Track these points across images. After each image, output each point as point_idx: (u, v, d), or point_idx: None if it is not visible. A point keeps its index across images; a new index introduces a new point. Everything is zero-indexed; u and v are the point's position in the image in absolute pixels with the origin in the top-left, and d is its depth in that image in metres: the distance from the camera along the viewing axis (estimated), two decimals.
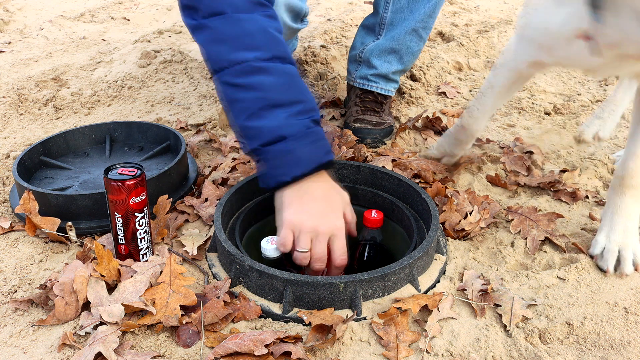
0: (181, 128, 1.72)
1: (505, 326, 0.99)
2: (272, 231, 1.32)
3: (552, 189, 1.40)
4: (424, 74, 2.07)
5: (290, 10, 1.44)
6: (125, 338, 0.95)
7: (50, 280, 1.04)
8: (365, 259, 1.19)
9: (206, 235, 1.23)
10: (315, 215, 1.06)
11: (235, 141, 1.63)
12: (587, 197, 1.38)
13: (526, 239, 1.22)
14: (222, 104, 1.13)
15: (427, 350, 0.94)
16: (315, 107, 1.11)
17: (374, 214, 1.16)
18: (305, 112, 1.09)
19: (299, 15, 1.52)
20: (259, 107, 1.06)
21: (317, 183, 1.09)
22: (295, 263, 1.07)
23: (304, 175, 1.06)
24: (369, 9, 1.69)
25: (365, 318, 0.99)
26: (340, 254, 1.07)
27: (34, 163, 1.40)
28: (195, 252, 1.17)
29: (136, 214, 1.06)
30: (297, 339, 0.93)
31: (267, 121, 1.06)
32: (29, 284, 1.10)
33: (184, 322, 0.97)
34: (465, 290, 1.07)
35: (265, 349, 0.89)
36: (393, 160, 1.49)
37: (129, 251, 1.10)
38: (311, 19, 2.83)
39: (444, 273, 1.12)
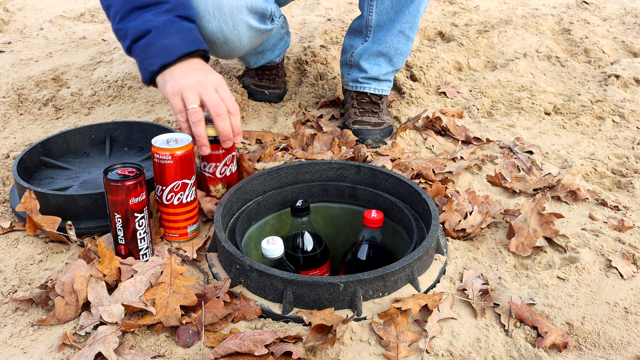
0: None
1: (505, 326, 0.99)
2: (272, 231, 1.33)
3: (549, 192, 1.40)
4: (424, 74, 2.07)
5: (254, 12, 1.43)
6: (125, 338, 0.95)
7: (50, 280, 1.04)
8: (365, 259, 1.19)
9: (206, 236, 1.23)
10: (193, 74, 1.16)
11: None
12: (587, 197, 1.38)
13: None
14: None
15: (427, 350, 0.94)
16: (184, 5, 1.23)
17: (374, 214, 1.17)
18: (171, 10, 1.19)
19: (265, 16, 1.49)
20: (127, 10, 1.18)
21: (189, 64, 1.18)
22: (193, 128, 1.15)
23: (171, 62, 1.17)
24: None
25: (365, 318, 0.99)
26: (231, 102, 1.16)
27: (34, 163, 1.40)
28: (195, 253, 1.17)
29: (136, 214, 1.06)
30: (297, 339, 0.93)
31: (135, 21, 1.18)
32: (29, 284, 1.10)
33: (184, 322, 0.97)
34: (466, 290, 1.07)
35: (265, 349, 0.89)
36: (393, 160, 1.49)
37: (129, 251, 1.10)
38: (311, 19, 2.83)
39: (444, 273, 1.12)
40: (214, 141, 1.22)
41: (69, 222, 1.18)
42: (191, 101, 1.13)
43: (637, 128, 1.75)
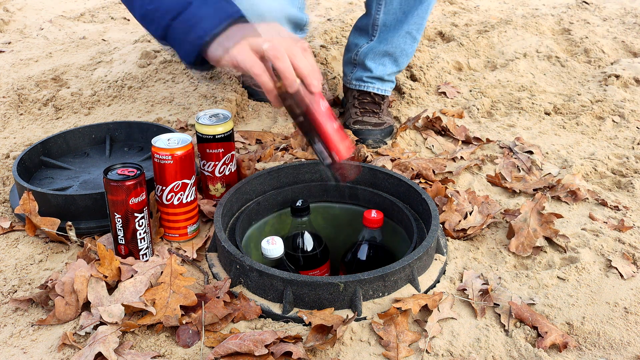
0: (181, 128, 1.72)
1: (505, 326, 0.99)
2: (272, 231, 1.33)
3: (549, 192, 1.40)
4: (424, 74, 2.07)
5: (291, 21, 1.44)
6: (125, 338, 0.95)
7: (50, 280, 1.04)
8: (365, 259, 1.19)
9: (206, 236, 1.23)
10: (250, 30, 0.99)
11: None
12: (587, 197, 1.38)
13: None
14: (125, 5, 1.10)
15: (427, 350, 0.94)
16: None
17: (374, 214, 1.17)
18: None
19: (299, 26, 1.51)
20: None
21: (240, 27, 1.01)
22: (285, 79, 0.96)
23: (222, 29, 0.99)
24: None
25: (365, 318, 0.99)
26: (311, 64, 0.97)
27: (34, 163, 1.40)
28: (195, 253, 1.17)
29: (136, 214, 1.06)
30: (297, 339, 0.93)
31: None
32: (29, 284, 1.10)
33: (184, 322, 0.97)
34: (466, 290, 1.07)
35: (266, 349, 0.89)
36: (393, 160, 1.49)
37: (129, 251, 1.10)
38: (311, 19, 2.83)
39: (444, 273, 1.12)
40: (214, 139, 1.22)
41: (69, 223, 1.18)
42: (260, 43, 0.95)
43: (637, 128, 1.75)
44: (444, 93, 1.99)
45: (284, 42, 0.96)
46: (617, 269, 1.13)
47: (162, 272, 1.06)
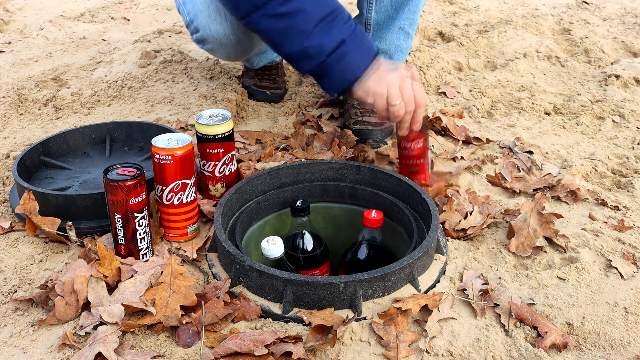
0: (181, 128, 1.72)
1: (505, 326, 0.99)
2: (272, 231, 1.33)
3: (549, 192, 1.40)
4: (424, 74, 2.07)
5: None
6: (125, 338, 0.95)
7: (50, 280, 1.04)
8: (365, 259, 1.19)
9: (206, 236, 1.23)
10: (391, 71, 1.21)
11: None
12: (587, 197, 1.38)
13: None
14: (269, 42, 1.24)
15: (427, 350, 0.94)
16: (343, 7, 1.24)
17: (374, 214, 1.17)
18: (344, 15, 1.21)
19: None
20: (312, 26, 1.17)
21: (378, 63, 1.23)
22: (393, 118, 1.23)
23: (369, 65, 1.21)
24: None
25: (365, 318, 0.99)
26: (420, 95, 1.23)
27: (34, 163, 1.40)
28: (195, 253, 1.17)
29: (136, 214, 1.06)
30: (297, 339, 0.93)
31: (324, 34, 1.18)
32: (29, 284, 1.10)
33: (184, 322, 0.97)
34: (466, 290, 1.07)
35: (266, 349, 0.89)
36: (392, 161, 1.49)
37: (129, 251, 1.10)
38: None
39: (444, 273, 1.12)
40: (214, 139, 1.22)
41: (69, 223, 1.18)
42: (395, 97, 1.20)
43: (637, 128, 1.75)
44: (444, 93, 1.99)
45: (406, 98, 1.21)
46: (617, 269, 1.13)
47: (162, 272, 1.06)
